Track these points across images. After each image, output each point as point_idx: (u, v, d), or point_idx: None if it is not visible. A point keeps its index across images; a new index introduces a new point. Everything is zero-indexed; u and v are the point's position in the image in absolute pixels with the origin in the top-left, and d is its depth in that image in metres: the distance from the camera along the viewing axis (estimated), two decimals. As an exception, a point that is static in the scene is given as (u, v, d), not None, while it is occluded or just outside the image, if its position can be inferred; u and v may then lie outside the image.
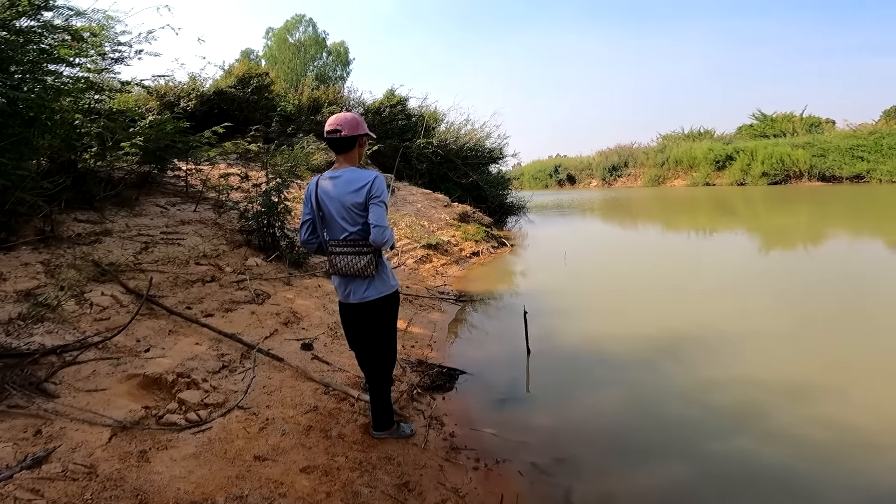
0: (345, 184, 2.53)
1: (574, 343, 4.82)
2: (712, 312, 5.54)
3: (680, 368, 4.11)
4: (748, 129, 38.78)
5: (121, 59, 5.82)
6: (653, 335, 4.87)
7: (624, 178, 41.16)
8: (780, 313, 5.49)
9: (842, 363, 4.09)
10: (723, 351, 4.42)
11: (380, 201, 2.49)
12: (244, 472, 2.32)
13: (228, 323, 4.27)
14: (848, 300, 5.81)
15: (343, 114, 2.66)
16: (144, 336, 3.67)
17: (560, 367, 4.32)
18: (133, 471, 2.19)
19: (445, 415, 3.35)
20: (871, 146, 29.62)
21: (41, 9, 4.03)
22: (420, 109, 15.38)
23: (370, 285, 2.60)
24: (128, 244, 5.03)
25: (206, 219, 6.26)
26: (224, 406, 2.89)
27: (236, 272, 5.33)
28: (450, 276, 7.77)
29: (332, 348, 4.29)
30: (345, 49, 34.26)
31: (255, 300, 4.82)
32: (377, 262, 2.57)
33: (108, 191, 5.81)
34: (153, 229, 5.50)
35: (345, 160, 2.63)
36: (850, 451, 2.89)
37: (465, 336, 5.30)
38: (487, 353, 4.72)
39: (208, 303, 4.54)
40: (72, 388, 2.74)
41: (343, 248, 2.56)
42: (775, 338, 4.72)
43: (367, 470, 2.53)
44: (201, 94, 10.34)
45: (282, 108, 11.81)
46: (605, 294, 6.69)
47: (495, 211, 14.10)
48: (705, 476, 2.73)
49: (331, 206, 2.57)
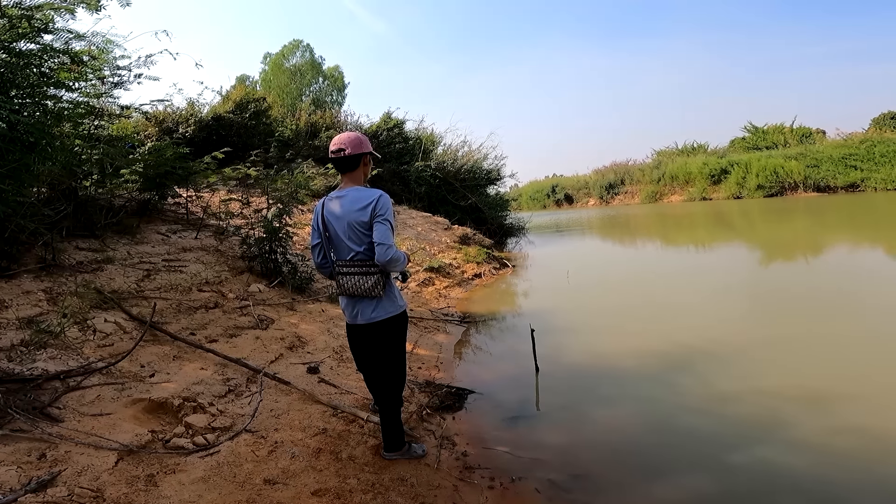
0: (350, 203, 2.52)
1: (582, 360, 4.75)
2: (719, 326, 5.49)
3: (692, 382, 4.04)
4: (741, 141, 39.27)
5: (120, 83, 5.86)
6: (661, 350, 4.81)
7: (621, 195, 41.43)
8: (787, 324, 5.45)
9: (857, 371, 4.03)
10: (734, 363, 4.35)
11: (384, 219, 2.47)
12: (254, 496, 2.25)
13: (233, 348, 4.21)
14: (854, 309, 5.77)
15: (347, 133, 2.67)
16: (149, 361, 3.63)
17: (570, 384, 4.25)
18: (141, 495, 2.13)
19: (456, 434, 3.28)
20: (864, 154, 29.86)
21: (41, 31, 4.05)
22: (417, 132, 15.52)
23: (378, 306, 2.57)
24: (130, 272, 5.00)
25: (208, 246, 6.24)
26: (231, 430, 2.83)
27: (239, 298, 5.29)
28: (453, 299, 7.72)
29: (338, 371, 4.23)
30: (340, 73, 34.79)
31: (258, 325, 4.77)
32: (385, 282, 2.55)
33: (109, 218, 5.80)
34: (155, 257, 5.48)
35: (350, 180, 2.63)
36: (877, 457, 2.81)
37: (472, 356, 5.23)
38: (495, 373, 4.65)
39: (212, 329, 4.49)
40: (76, 413, 2.68)
41: (350, 269, 2.53)
42: (785, 348, 4.67)
43: (380, 492, 2.46)
44: (200, 120, 10.43)
45: (279, 133, 11.91)
46: (609, 311, 6.64)
47: (495, 232, 14.10)
48: (728, 487, 2.65)
49: (337, 227, 2.55)
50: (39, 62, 4.07)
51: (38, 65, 4.06)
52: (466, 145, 15.86)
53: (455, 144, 16.11)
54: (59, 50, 4.29)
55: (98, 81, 5.76)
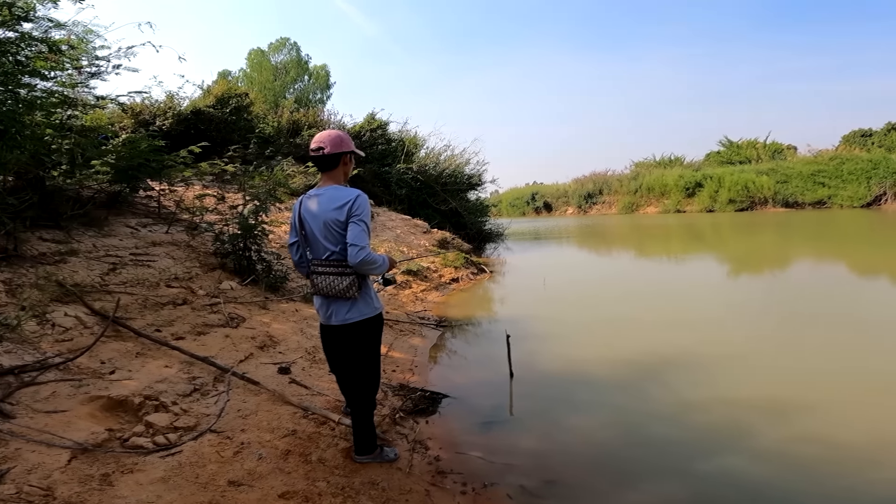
0: (327, 201, 2.47)
1: (556, 367, 4.75)
2: (691, 336, 5.57)
3: (663, 391, 4.07)
4: (716, 155, 40.20)
5: (97, 73, 5.70)
6: (634, 359, 4.85)
7: (599, 205, 41.97)
8: (757, 335, 5.56)
9: (822, 382, 4.13)
10: (704, 373, 4.40)
11: (359, 220, 2.42)
12: (217, 498, 2.17)
13: (201, 346, 4.09)
14: (823, 322, 5.92)
15: (328, 131, 2.62)
16: (110, 358, 3.49)
17: (543, 391, 4.24)
18: (94, 494, 2.02)
19: (429, 438, 3.23)
20: (832, 172, 30.76)
21: (21, 20, 3.91)
22: (400, 134, 15.46)
23: (353, 307, 2.52)
24: (94, 265, 4.82)
25: (179, 241, 6.07)
26: (195, 429, 2.72)
27: (209, 295, 5.15)
28: (430, 302, 7.67)
29: (310, 372, 4.15)
30: (326, 72, 34.40)
31: (229, 324, 4.64)
32: (360, 283, 2.50)
33: (77, 210, 5.59)
34: (122, 250, 5.29)
35: (329, 178, 2.58)
36: (837, 466, 2.87)
37: (447, 360, 5.19)
38: (470, 377, 4.62)
39: (179, 326, 4.35)
40: (29, 409, 2.55)
41: (325, 268, 2.49)
42: (755, 359, 4.74)
43: (350, 496, 2.39)
44: (178, 114, 10.17)
45: (260, 130, 11.69)
46: (584, 319, 6.67)
47: (474, 238, 14.12)
48: (696, 494, 2.66)
49: (313, 225, 2.51)
50: (16, 50, 3.92)
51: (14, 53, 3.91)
52: (449, 149, 15.89)
53: (438, 148, 16.14)
54: (38, 38, 4.14)
55: (75, 71, 5.58)
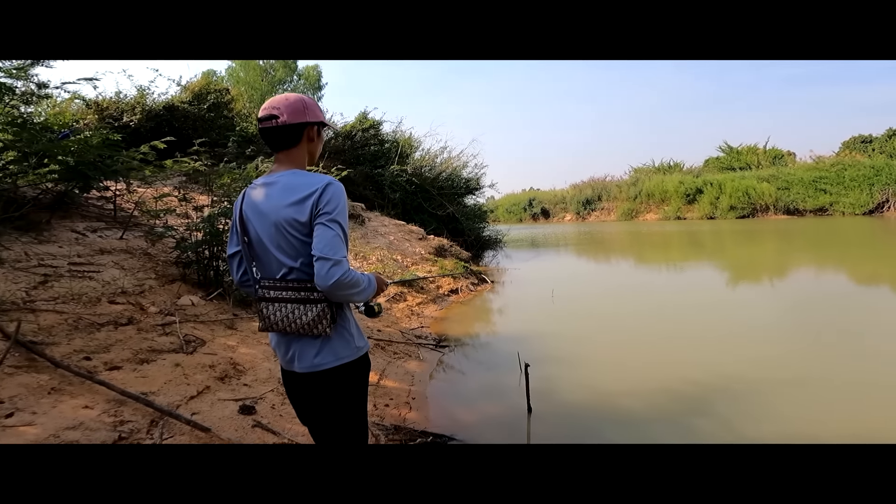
0: (281, 193, 1.59)
1: (581, 398, 3.95)
2: (729, 357, 4.80)
3: (712, 427, 3.35)
4: (715, 161, 39.70)
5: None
6: (672, 387, 4.06)
7: (598, 211, 41.24)
8: (806, 352, 4.81)
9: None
10: (759, 403, 3.69)
11: (331, 220, 1.52)
12: None
13: (141, 378, 3.24)
14: (872, 336, 5.14)
15: (284, 94, 1.73)
16: (12, 396, 2.70)
17: (568, 430, 3.48)
18: None
19: None
20: (834, 178, 30.26)
21: None
22: (394, 135, 14.62)
23: (324, 348, 1.62)
24: (21, 276, 3.96)
25: (134, 248, 5.20)
26: None
27: (163, 313, 4.29)
28: (427, 317, 6.83)
29: (281, 411, 3.33)
30: (317, 73, 33.73)
31: (183, 348, 3.79)
32: (334, 313, 1.60)
33: (12, 212, 4.74)
34: (59, 259, 4.42)
35: (286, 160, 1.68)
36: None
37: (451, 391, 4.34)
38: (479, 413, 3.80)
39: (117, 352, 3.49)
40: None
41: (279, 293, 1.59)
42: (816, 383, 4.01)
43: None
44: (149, 110, 9.32)
45: (242, 129, 10.84)
46: (605, 338, 5.82)
47: (472, 245, 13.27)
48: None
49: (260, 228, 1.62)
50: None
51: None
52: (446, 151, 15.09)
53: (434, 150, 15.33)
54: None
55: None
